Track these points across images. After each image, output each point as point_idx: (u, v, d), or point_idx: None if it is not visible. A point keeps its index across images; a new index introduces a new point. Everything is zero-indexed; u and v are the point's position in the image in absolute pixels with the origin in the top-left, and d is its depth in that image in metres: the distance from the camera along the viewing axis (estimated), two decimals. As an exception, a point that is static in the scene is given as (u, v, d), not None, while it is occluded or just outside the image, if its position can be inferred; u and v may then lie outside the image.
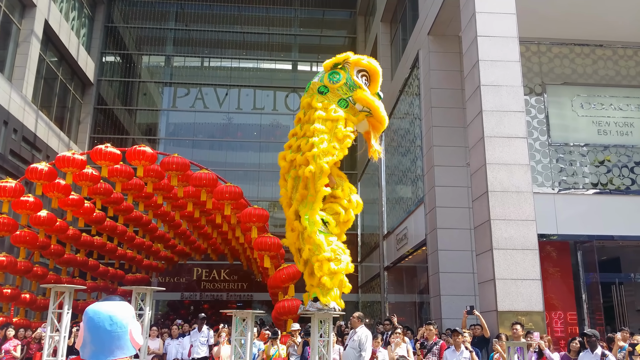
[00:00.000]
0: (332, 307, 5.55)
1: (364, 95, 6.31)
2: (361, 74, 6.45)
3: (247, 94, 27.80)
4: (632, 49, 14.18)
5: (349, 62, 6.42)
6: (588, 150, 13.41)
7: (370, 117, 6.49)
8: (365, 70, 6.47)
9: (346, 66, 6.42)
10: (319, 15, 29.58)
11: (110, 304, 2.19)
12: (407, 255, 16.28)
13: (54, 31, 20.82)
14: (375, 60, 6.68)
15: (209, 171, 12.98)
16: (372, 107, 6.33)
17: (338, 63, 6.45)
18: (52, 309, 7.08)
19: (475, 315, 9.50)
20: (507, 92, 10.51)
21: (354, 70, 6.41)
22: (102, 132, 25.36)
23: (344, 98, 6.35)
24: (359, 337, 7.98)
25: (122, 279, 19.12)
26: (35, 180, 12.18)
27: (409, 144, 16.52)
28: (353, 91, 6.35)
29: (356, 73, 6.41)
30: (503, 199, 9.94)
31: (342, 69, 6.42)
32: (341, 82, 6.36)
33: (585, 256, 13.09)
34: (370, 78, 6.51)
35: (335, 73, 6.40)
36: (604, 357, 7.77)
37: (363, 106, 6.34)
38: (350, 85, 6.38)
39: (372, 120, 6.54)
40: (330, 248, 5.69)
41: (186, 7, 28.60)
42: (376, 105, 6.36)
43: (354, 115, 6.39)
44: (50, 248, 14.60)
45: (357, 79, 6.37)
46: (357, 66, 6.43)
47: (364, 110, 6.39)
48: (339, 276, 5.70)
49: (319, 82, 6.45)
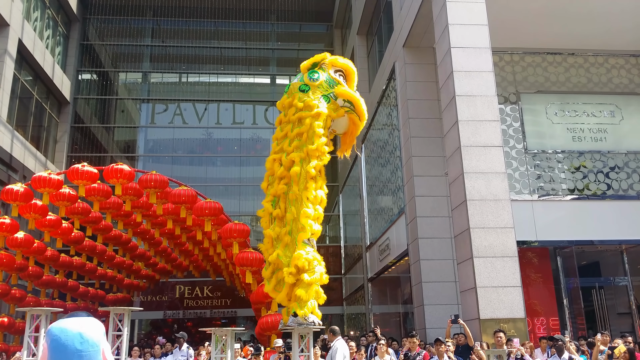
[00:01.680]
0: (311, 321, 5.51)
1: (345, 90, 6.59)
2: (338, 73, 6.74)
3: (227, 108, 27.77)
4: (602, 56, 14.48)
5: (326, 63, 6.72)
6: (564, 157, 13.61)
7: (351, 113, 6.72)
8: (341, 70, 6.76)
9: (323, 66, 6.71)
10: (296, 29, 29.74)
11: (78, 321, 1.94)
12: (390, 265, 16.31)
13: (28, 50, 20.61)
14: (349, 60, 6.97)
15: (188, 187, 12.90)
16: (354, 100, 6.59)
17: (316, 63, 6.71)
18: (29, 333, 6.95)
19: (460, 324, 9.53)
20: (482, 101, 10.64)
21: (331, 70, 6.69)
22: (80, 151, 25.08)
23: (326, 94, 6.58)
24: (331, 351, 7.96)
25: (103, 299, 18.83)
26: (10, 202, 11.97)
27: (388, 154, 16.61)
28: (333, 87, 6.61)
29: (333, 72, 6.70)
30: (481, 208, 10.03)
31: (321, 69, 6.70)
32: (321, 79, 6.62)
33: (565, 261, 13.25)
34: (346, 77, 6.80)
35: (314, 72, 6.67)
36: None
37: (345, 100, 6.59)
38: (330, 82, 6.64)
39: (352, 116, 6.76)
40: (306, 258, 5.68)
41: (162, 23, 28.55)
42: (357, 98, 6.62)
43: (335, 111, 6.63)
44: (28, 270, 14.34)
45: (335, 77, 6.64)
46: (334, 66, 6.73)
47: (345, 106, 6.63)
48: (313, 287, 5.69)
49: (299, 82, 6.69)
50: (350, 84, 6.81)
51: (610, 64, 14.53)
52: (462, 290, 10.52)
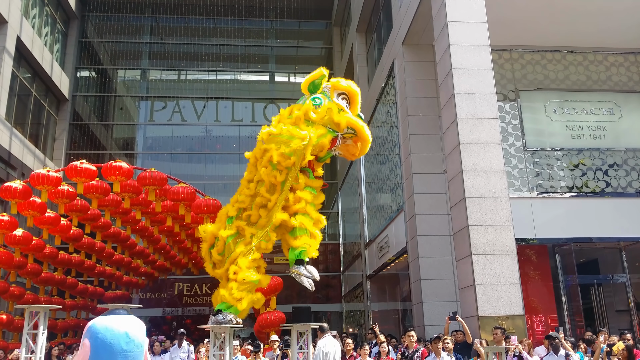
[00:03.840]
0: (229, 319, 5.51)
1: (348, 117, 6.36)
2: (341, 96, 6.49)
3: (225, 105, 27.75)
4: (601, 54, 14.47)
5: (329, 86, 6.46)
6: (563, 155, 13.61)
7: (355, 137, 6.53)
8: (345, 93, 6.52)
9: (326, 90, 6.47)
10: (295, 27, 29.69)
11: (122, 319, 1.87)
12: (389, 263, 16.32)
13: (26, 47, 20.57)
14: (353, 82, 6.72)
15: (187, 185, 12.88)
16: (357, 127, 6.38)
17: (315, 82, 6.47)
18: (27, 330, 6.94)
19: (458, 321, 9.54)
20: (481, 99, 10.64)
21: (334, 93, 6.44)
22: (79, 148, 25.05)
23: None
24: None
25: (102, 296, 18.83)
26: (9, 199, 11.95)
27: (387, 152, 16.61)
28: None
29: (336, 96, 6.44)
30: (480, 205, 10.03)
31: (323, 94, 6.46)
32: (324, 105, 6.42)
33: (564, 259, 13.26)
34: (350, 100, 6.55)
35: (316, 98, 6.44)
36: (567, 357, 7.86)
37: (348, 127, 6.38)
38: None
39: (356, 139, 6.57)
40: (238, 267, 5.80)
41: (161, 20, 28.51)
42: (360, 125, 6.40)
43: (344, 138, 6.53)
44: (26, 267, 14.32)
45: (338, 102, 6.39)
46: (337, 89, 6.48)
47: (348, 132, 6.42)
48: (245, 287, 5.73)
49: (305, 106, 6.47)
50: (354, 107, 6.59)
51: (609, 61, 14.52)
52: (460, 288, 10.53)
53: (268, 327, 11.35)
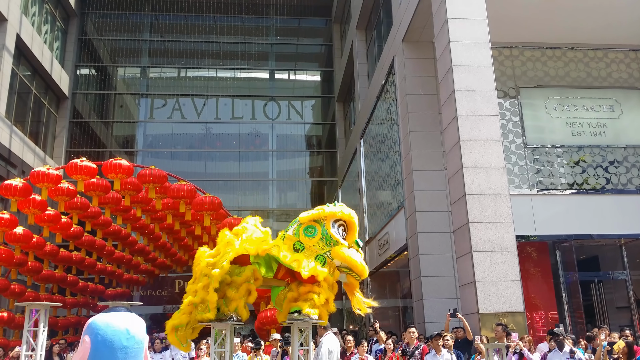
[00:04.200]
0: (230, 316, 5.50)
1: (342, 252, 5.94)
2: (338, 223, 6.08)
3: (225, 103, 27.75)
4: (602, 50, 14.45)
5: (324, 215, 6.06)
6: (563, 151, 13.60)
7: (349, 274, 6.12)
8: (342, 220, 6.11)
9: (322, 219, 6.07)
10: (295, 24, 29.67)
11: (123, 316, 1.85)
12: (390, 260, 16.33)
13: (26, 45, 20.56)
14: (351, 210, 6.34)
15: (187, 182, 12.89)
16: (350, 264, 5.97)
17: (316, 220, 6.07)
18: (27, 327, 6.95)
19: (458, 318, 9.55)
20: (481, 96, 10.63)
21: (330, 222, 6.05)
22: (79, 146, 25.05)
23: (322, 254, 5.97)
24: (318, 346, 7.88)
25: (103, 293, 18.86)
26: (9, 197, 11.97)
27: (387, 149, 16.61)
28: (330, 246, 5.98)
29: (332, 223, 6.04)
30: (480, 202, 10.03)
31: (318, 222, 6.06)
32: (317, 236, 5.98)
33: (564, 256, 13.26)
34: (347, 227, 6.15)
35: (310, 227, 6.02)
36: (572, 354, 7.86)
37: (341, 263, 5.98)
38: (326, 239, 6.00)
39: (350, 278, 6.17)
40: None
41: (161, 17, 28.48)
42: (354, 260, 5.97)
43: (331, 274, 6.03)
44: (27, 265, 14.35)
45: (333, 232, 5.98)
46: (333, 217, 6.06)
47: (342, 268, 6.04)
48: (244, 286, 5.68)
49: (295, 237, 6.04)
50: (351, 235, 6.15)
51: (609, 58, 14.50)
52: (461, 285, 10.53)
53: (268, 324, 11.36)
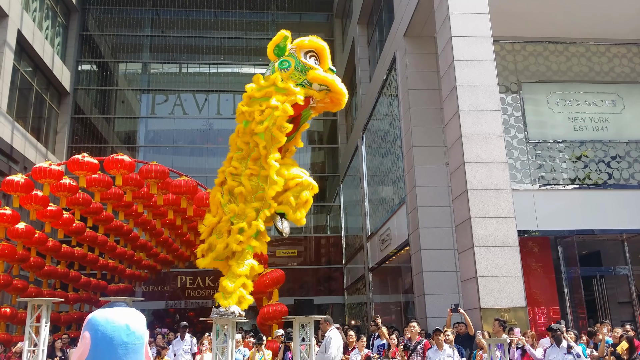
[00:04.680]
0: (232, 312, 5.50)
1: (317, 74, 6.40)
2: (309, 54, 6.52)
3: (227, 99, 27.73)
4: (604, 45, 14.40)
5: (294, 47, 6.51)
6: (565, 146, 13.57)
7: (330, 93, 6.57)
8: (312, 50, 6.55)
9: (292, 52, 6.51)
10: (296, 19, 29.60)
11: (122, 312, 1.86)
12: (391, 255, 16.33)
13: (27, 41, 20.54)
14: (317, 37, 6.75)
15: (189, 178, 12.88)
16: (328, 83, 6.43)
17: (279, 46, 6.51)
18: (30, 323, 6.96)
19: (460, 313, 9.55)
20: (483, 91, 10.60)
21: (301, 53, 6.49)
22: (80, 142, 25.06)
23: (299, 83, 6.41)
24: (325, 340, 7.95)
25: (105, 289, 18.88)
26: (11, 193, 11.97)
27: (389, 144, 16.58)
28: (305, 74, 6.42)
29: (304, 55, 6.48)
30: (482, 197, 10.02)
31: (290, 56, 6.50)
32: (291, 68, 6.42)
33: (566, 251, 13.25)
34: (318, 56, 6.59)
35: (284, 61, 6.48)
36: (569, 349, 7.87)
37: (320, 85, 6.43)
38: (301, 68, 6.45)
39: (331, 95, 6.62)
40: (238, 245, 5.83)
41: (162, 13, 28.43)
42: (331, 79, 6.44)
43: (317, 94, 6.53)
44: (29, 261, 14.36)
45: (306, 61, 6.43)
46: (302, 48, 6.52)
47: (322, 89, 6.49)
48: (241, 279, 5.73)
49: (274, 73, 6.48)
50: (323, 62, 6.61)
51: (612, 52, 14.45)
52: (463, 280, 10.54)
53: (271, 320, 11.39)
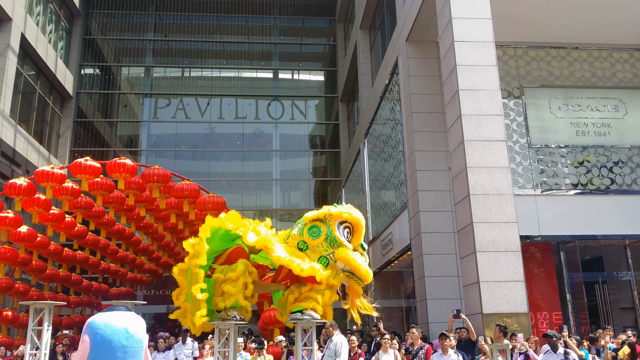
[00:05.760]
0: (233, 316, 5.47)
1: (346, 254, 5.82)
2: (344, 225, 6.00)
3: (229, 103, 27.77)
4: (606, 50, 14.40)
5: (330, 215, 5.98)
6: (567, 152, 13.56)
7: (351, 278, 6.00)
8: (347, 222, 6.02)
9: (327, 219, 5.98)
10: (299, 24, 29.67)
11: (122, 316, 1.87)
12: (393, 260, 16.31)
13: (30, 45, 20.62)
14: (357, 210, 6.22)
15: (191, 182, 12.91)
16: (353, 267, 5.86)
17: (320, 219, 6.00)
18: (32, 326, 6.96)
19: (462, 319, 9.53)
20: (486, 96, 10.60)
21: (336, 223, 5.96)
22: (83, 145, 25.12)
23: (324, 255, 5.89)
24: (334, 345, 7.96)
25: (106, 293, 18.89)
26: (14, 196, 12.00)
27: (391, 149, 16.59)
28: (334, 248, 5.89)
29: (338, 225, 5.96)
30: (484, 202, 10.00)
31: (323, 222, 5.98)
32: (321, 237, 5.90)
33: (568, 256, 13.22)
34: (353, 230, 6.07)
35: (315, 227, 5.95)
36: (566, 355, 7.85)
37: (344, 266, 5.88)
38: (330, 240, 5.91)
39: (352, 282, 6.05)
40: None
41: (165, 17, 28.51)
42: (357, 264, 5.85)
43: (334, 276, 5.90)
44: (31, 264, 14.39)
45: (338, 234, 5.91)
46: (339, 219, 5.99)
47: (345, 270, 5.93)
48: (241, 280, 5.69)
49: (299, 236, 5.98)
50: (357, 237, 6.07)
51: (614, 58, 14.45)
52: (464, 285, 10.51)
53: (272, 324, 11.37)
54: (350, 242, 5.96)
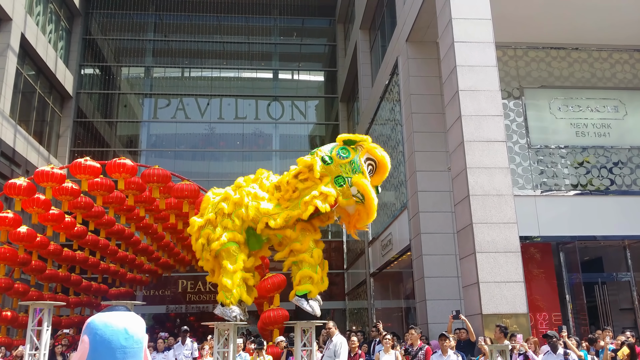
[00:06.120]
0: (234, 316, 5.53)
1: (363, 182, 6.12)
2: (368, 162, 6.30)
3: (229, 103, 27.75)
4: (606, 51, 14.41)
5: (362, 146, 6.28)
6: (567, 152, 13.56)
7: (360, 205, 6.26)
8: (373, 160, 6.33)
9: (358, 148, 6.29)
10: (299, 24, 29.66)
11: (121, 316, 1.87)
12: (393, 260, 16.31)
13: (30, 45, 20.60)
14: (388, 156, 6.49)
15: (191, 182, 12.89)
16: (367, 196, 6.13)
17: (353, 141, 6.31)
18: (32, 326, 6.96)
19: (461, 319, 9.52)
20: (485, 96, 10.60)
21: (365, 155, 6.27)
22: (83, 145, 25.10)
23: (343, 177, 6.19)
24: (334, 345, 7.98)
25: (106, 293, 18.86)
26: (13, 196, 11.97)
27: (391, 150, 16.58)
28: (355, 173, 6.18)
29: (364, 159, 6.27)
30: (484, 203, 10.00)
31: (354, 149, 6.28)
32: (348, 160, 6.21)
33: (568, 257, 13.22)
34: (377, 169, 6.37)
35: (345, 149, 6.26)
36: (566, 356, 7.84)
37: (358, 191, 6.16)
38: (354, 167, 6.22)
39: (360, 208, 6.31)
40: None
41: (165, 17, 28.50)
42: (372, 196, 6.14)
43: (345, 198, 6.19)
44: (31, 264, 14.36)
45: (363, 163, 6.22)
46: (369, 153, 6.30)
47: (357, 196, 6.19)
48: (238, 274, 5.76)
49: (328, 152, 6.29)
50: (378, 177, 6.38)
51: (614, 58, 14.46)
52: (464, 286, 10.51)
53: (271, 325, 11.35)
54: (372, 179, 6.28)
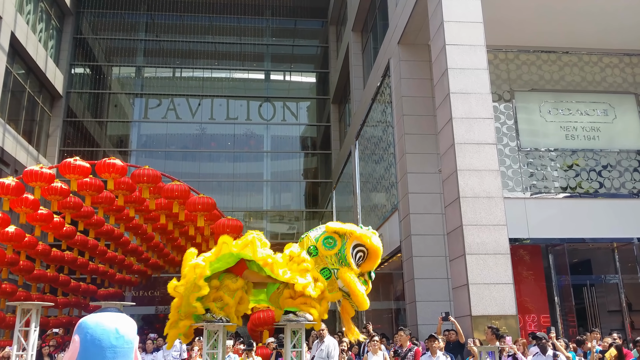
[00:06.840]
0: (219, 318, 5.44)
1: (347, 276, 5.69)
2: (357, 249, 5.84)
3: (220, 104, 27.71)
4: (596, 55, 14.53)
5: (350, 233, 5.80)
6: (557, 155, 13.66)
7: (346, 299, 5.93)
8: (364, 247, 5.86)
9: (347, 236, 5.82)
10: (291, 25, 29.67)
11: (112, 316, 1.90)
12: (383, 262, 16.33)
13: (20, 43, 20.46)
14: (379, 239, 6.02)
15: (181, 182, 12.85)
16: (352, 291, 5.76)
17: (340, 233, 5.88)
18: (19, 327, 6.90)
19: (450, 321, 9.55)
20: (476, 99, 10.65)
21: (352, 243, 5.81)
22: (72, 145, 24.95)
23: (329, 268, 5.76)
24: (326, 347, 7.99)
25: (95, 293, 18.76)
26: (2, 196, 11.87)
27: (382, 151, 16.61)
28: (340, 265, 5.76)
29: (352, 247, 5.80)
30: (474, 205, 10.04)
31: (341, 237, 5.84)
32: (333, 250, 5.78)
33: (556, 259, 13.31)
34: (368, 256, 5.92)
35: (331, 238, 5.82)
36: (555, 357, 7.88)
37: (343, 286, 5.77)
38: (341, 257, 5.78)
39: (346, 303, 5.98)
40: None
41: (156, 17, 28.41)
42: (357, 289, 5.75)
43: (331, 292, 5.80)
44: (19, 264, 14.25)
45: (350, 254, 5.78)
46: (359, 240, 5.83)
47: (343, 290, 5.83)
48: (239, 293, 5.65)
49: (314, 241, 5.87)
50: (370, 264, 5.96)
51: (604, 62, 14.58)
52: (454, 287, 10.54)
53: (261, 326, 11.33)
54: (362, 266, 5.87)
